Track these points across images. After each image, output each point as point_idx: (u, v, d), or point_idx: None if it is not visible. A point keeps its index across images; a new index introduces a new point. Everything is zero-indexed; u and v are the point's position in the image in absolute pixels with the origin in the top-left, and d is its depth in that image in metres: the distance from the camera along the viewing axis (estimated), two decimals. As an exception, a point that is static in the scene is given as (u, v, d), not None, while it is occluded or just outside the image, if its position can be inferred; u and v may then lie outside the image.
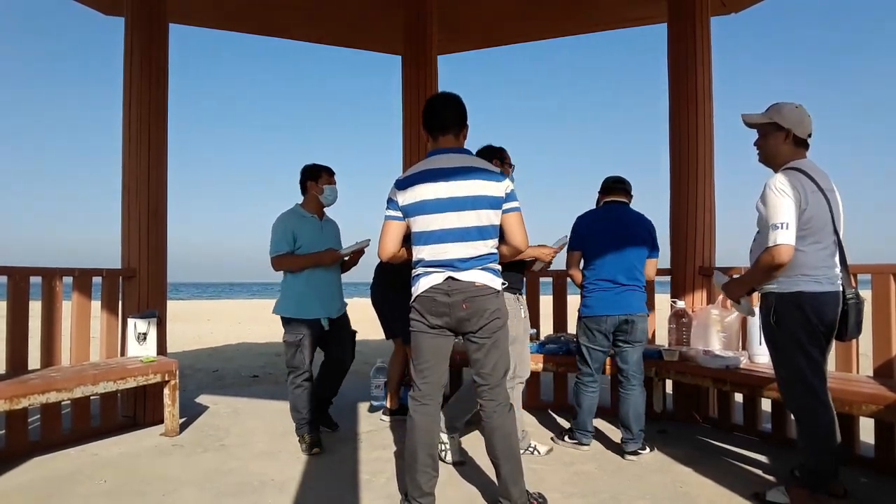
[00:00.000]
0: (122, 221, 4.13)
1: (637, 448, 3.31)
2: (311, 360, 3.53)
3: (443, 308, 2.40)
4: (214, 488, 2.88)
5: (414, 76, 5.14)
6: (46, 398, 3.16)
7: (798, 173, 2.44)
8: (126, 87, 4.13)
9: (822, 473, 2.50)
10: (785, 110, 2.52)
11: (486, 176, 2.42)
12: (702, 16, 4.31)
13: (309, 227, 3.59)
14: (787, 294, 2.46)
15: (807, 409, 2.50)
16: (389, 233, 2.51)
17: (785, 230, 2.35)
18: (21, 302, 3.47)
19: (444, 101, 2.57)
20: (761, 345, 3.65)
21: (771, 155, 2.58)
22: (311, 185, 3.66)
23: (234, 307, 23.97)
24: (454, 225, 2.39)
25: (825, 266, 2.44)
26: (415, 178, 2.47)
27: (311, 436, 3.45)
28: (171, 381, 3.75)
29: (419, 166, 2.52)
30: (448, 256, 2.40)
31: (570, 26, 5.68)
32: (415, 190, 2.45)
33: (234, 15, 5.35)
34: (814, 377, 2.46)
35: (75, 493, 2.82)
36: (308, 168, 3.69)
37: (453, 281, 2.39)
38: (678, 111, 4.34)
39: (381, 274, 4.09)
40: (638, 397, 3.35)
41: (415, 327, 2.50)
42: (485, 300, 2.39)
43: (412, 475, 2.44)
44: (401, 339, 4.05)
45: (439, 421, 2.51)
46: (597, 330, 3.39)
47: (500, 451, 2.44)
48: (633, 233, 3.44)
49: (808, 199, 2.39)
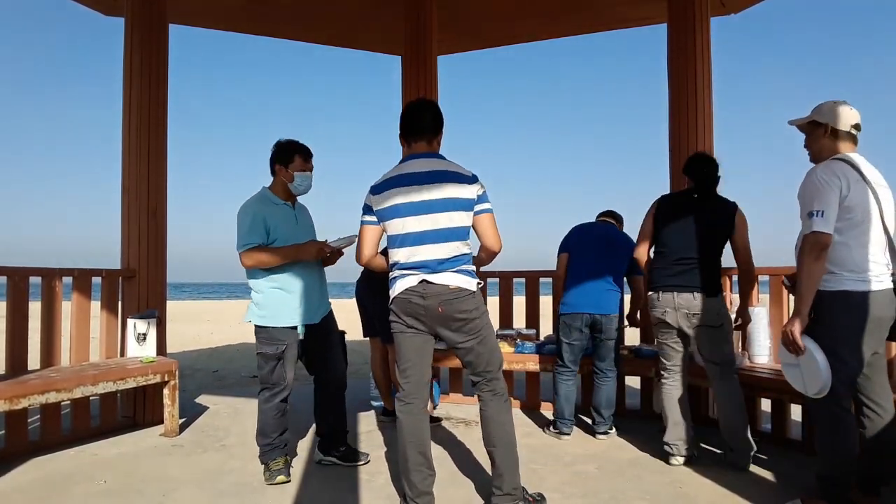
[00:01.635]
0: (121, 221, 4.13)
1: (606, 429, 3.71)
2: (294, 374, 3.04)
3: (419, 310, 2.45)
4: (214, 488, 2.88)
5: (414, 76, 5.14)
6: (46, 398, 3.16)
7: (842, 163, 2.37)
8: (126, 87, 4.13)
9: (839, 483, 2.38)
10: (823, 107, 2.50)
11: (458, 178, 2.48)
12: (702, 16, 4.31)
13: (283, 216, 3.02)
14: (833, 293, 2.33)
15: (828, 415, 2.39)
16: (366, 239, 2.60)
17: (820, 217, 2.27)
18: (21, 302, 3.47)
19: (418, 107, 2.62)
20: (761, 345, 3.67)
21: (815, 151, 2.53)
22: (279, 168, 3.05)
23: (234, 307, 23.96)
24: (427, 227, 2.44)
25: (873, 262, 2.33)
26: (389, 182, 2.53)
27: (276, 462, 2.97)
28: (170, 381, 3.75)
29: (393, 171, 2.57)
30: (422, 258, 2.44)
31: (570, 26, 5.68)
32: (389, 195, 2.50)
33: (234, 15, 5.35)
34: (840, 383, 2.33)
35: (75, 493, 2.82)
36: (280, 148, 3.07)
37: (428, 284, 2.43)
38: (678, 111, 4.34)
39: (370, 274, 4.07)
40: (610, 387, 3.75)
41: (394, 328, 2.56)
42: (460, 302, 2.43)
43: (406, 475, 2.48)
44: (379, 338, 4.09)
45: (427, 418, 2.56)
46: (572, 325, 3.71)
47: (497, 440, 2.50)
48: (615, 245, 3.77)
49: (851, 187, 2.31)
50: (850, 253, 2.33)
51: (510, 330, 4.59)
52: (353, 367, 6.82)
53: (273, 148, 3.08)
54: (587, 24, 5.62)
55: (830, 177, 2.33)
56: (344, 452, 3.21)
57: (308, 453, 3.41)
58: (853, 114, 2.46)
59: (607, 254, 3.75)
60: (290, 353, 2.99)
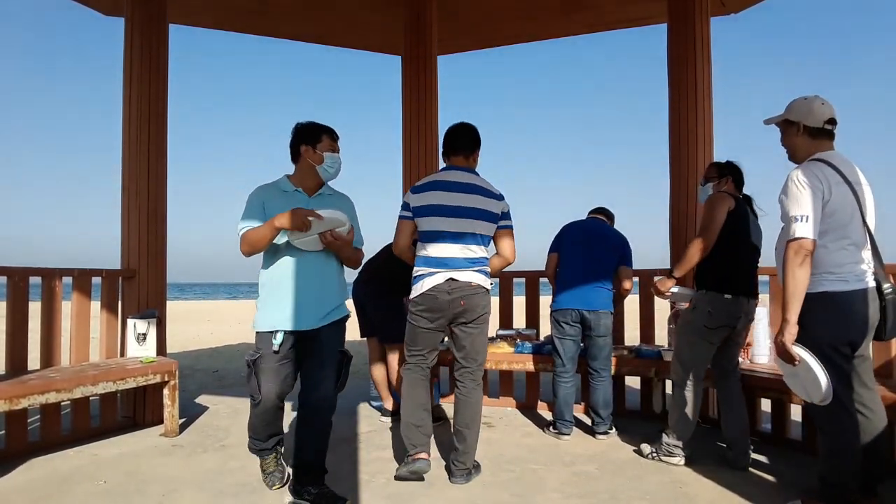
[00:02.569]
0: (121, 221, 4.13)
1: (606, 429, 3.70)
2: (276, 389, 2.62)
3: (443, 305, 2.86)
4: (214, 488, 2.88)
5: (414, 76, 5.14)
6: (46, 398, 3.16)
7: (822, 164, 2.35)
8: (126, 87, 4.13)
9: (841, 486, 2.35)
10: (794, 104, 2.48)
11: (487, 194, 2.96)
12: (702, 16, 4.30)
13: (287, 202, 2.63)
14: (812, 294, 2.30)
15: (830, 417, 2.36)
16: (402, 230, 3.01)
17: (804, 223, 2.25)
18: (21, 302, 3.47)
19: (459, 129, 3.07)
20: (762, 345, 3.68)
21: (790, 150, 2.53)
22: (305, 150, 2.70)
23: (234, 307, 23.96)
24: (457, 229, 2.87)
25: (852, 262, 2.32)
26: (428, 185, 2.98)
27: (267, 462, 2.86)
28: (170, 381, 3.75)
29: (432, 177, 3.03)
30: (448, 255, 2.87)
31: (570, 26, 5.67)
32: (426, 195, 2.94)
33: (234, 15, 5.34)
34: (839, 383, 2.30)
35: (75, 493, 2.82)
36: (303, 128, 2.75)
37: (453, 281, 2.85)
38: (678, 112, 4.33)
39: (377, 277, 4.07)
40: (607, 387, 3.74)
41: (415, 321, 2.95)
42: (478, 297, 2.89)
43: (406, 431, 2.94)
44: (377, 338, 4.13)
45: (427, 380, 3.04)
46: (563, 321, 3.74)
47: (472, 422, 2.93)
48: (604, 241, 3.81)
49: (832, 191, 2.29)
50: (829, 254, 2.31)
51: (510, 330, 4.59)
52: (353, 368, 6.80)
53: (295, 130, 2.76)
54: (587, 25, 5.61)
55: (812, 180, 2.30)
56: (316, 496, 2.60)
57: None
58: (826, 109, 2.42)
59: (597, 250, 3.76)
60: (267, 363, 2.60)
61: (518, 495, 2.77)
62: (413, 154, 5.07)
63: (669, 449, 3.17)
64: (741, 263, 3.09)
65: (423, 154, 5.07)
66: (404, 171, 5.12)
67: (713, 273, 3.09)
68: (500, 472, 3.10)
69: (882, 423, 2.45)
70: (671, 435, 3.17)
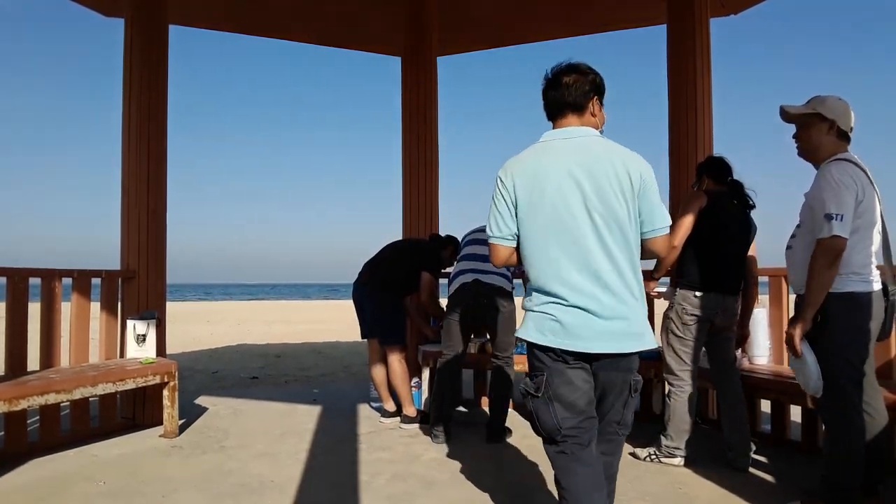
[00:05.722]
0: (121, 222, 4.13)
1: None
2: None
3: (470, 300, 3.55)
4: (214, 489, 2.87)
5: (413, 78, 5.14)
6: (45, 399, 3.16)
7: (853, 165, 2.30)
8: (126, 87, 4.13)
9: (846, 486, 2.33)
10: (829, 101, 2.40)
11: None
12: (701, 17, 4.31)
13: None
14: (837, 294, 2.27)
15: (838, 416, 2.34)
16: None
17: (840, 221, 2.19)
18: (20, 303, 3.47)
19: None
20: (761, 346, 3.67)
21: (813, 147, 2.43)
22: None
23: (233, 308, 23.97)
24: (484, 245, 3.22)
25: (870, 263, 2.32)
26: None
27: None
28: (170, 382, 3.75)
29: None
30: (478, 264, 3.58)
31: (569, 27, 5.68)
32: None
33: (234, 16, 5.35)
34: (852, 383, 2.31)
35: (74, 494, 2.81)
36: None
37: (480, 283, 3.53)
38: (678, 112, 4.33)
39: (377, 278, 4.06)
40: None
41: (451, 316, 3.63)
42: (500, 297, 3.53)
43: (437, 404, 3.65)
44: (377, 339, 4.10)
45: (461, 362, 3.76)
46: None
47: (503, 387, 3.65)
48: None
49: (865, 192, 2.27)
50: (854, 255, 2.29)
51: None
52: (353, 368, 6.84)
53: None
54: (587, 25, 5.62)
55: (847, 179, 2.26)
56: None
57: (307, 453, 3.41)
58: (853, 115, 2.42)
59: None
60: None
61: (518, 496, 2.77)
62: (412, 155, 5.08)
63: (669, 451, 3.17)
64: (717, 260, 3.11)
65: (422, 154, 5.08)
66: (404, 171, 5.13)
67: (686, 271, 3.17)
68: (500, 472, 3.10)
69: (884, 422, 2.44)
70: (669, 436, 3.17)
